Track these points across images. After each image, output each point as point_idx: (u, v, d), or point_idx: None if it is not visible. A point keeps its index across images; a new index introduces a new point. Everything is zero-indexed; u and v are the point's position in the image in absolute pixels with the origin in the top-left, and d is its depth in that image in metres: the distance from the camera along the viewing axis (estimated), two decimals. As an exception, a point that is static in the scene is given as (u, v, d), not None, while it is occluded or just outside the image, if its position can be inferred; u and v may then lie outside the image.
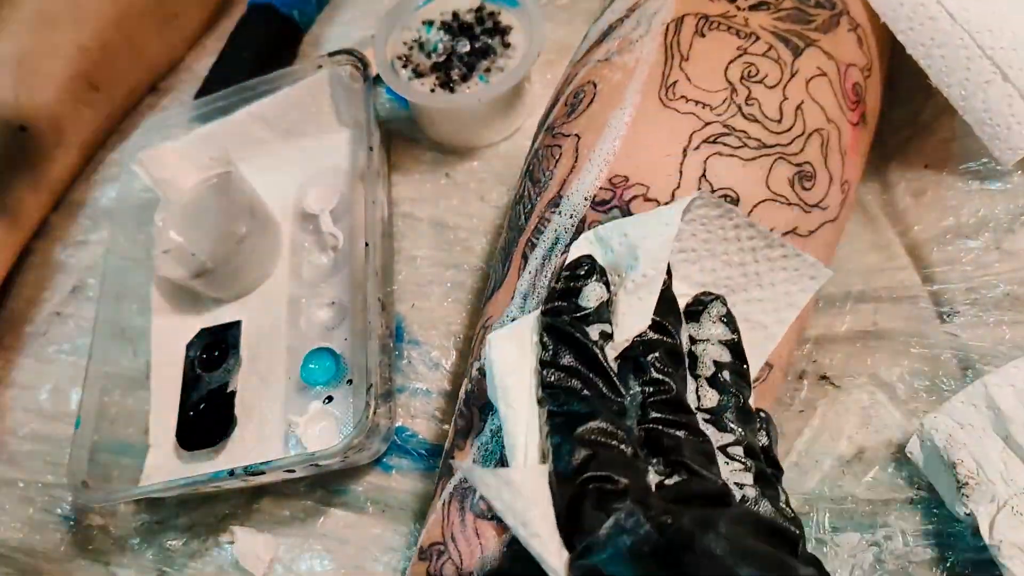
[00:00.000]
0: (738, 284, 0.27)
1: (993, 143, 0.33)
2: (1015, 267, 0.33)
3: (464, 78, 0.41)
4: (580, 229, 0.28)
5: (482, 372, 0.29)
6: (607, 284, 0.25)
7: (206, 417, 0.38)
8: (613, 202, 0.28)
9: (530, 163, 0.32)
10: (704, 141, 0.28)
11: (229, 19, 0.53)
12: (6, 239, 0.45)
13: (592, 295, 0.25)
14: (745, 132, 0.29)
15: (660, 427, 0.23)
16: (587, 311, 0.24)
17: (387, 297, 0.39)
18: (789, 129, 0.29)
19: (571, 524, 0.21)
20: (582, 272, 0.25)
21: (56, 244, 0.48)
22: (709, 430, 0.24)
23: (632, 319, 0.24)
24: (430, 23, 0.43)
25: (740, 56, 0.30)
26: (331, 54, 0.42)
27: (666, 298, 0.25)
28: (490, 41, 0.42)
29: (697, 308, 0.26)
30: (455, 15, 0.43)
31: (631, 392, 0.24)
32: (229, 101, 0.43)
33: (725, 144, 0.28)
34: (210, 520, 0.37)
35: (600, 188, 0.28)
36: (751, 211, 0.28)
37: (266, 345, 0.39)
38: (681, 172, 0.28)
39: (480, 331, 0.30)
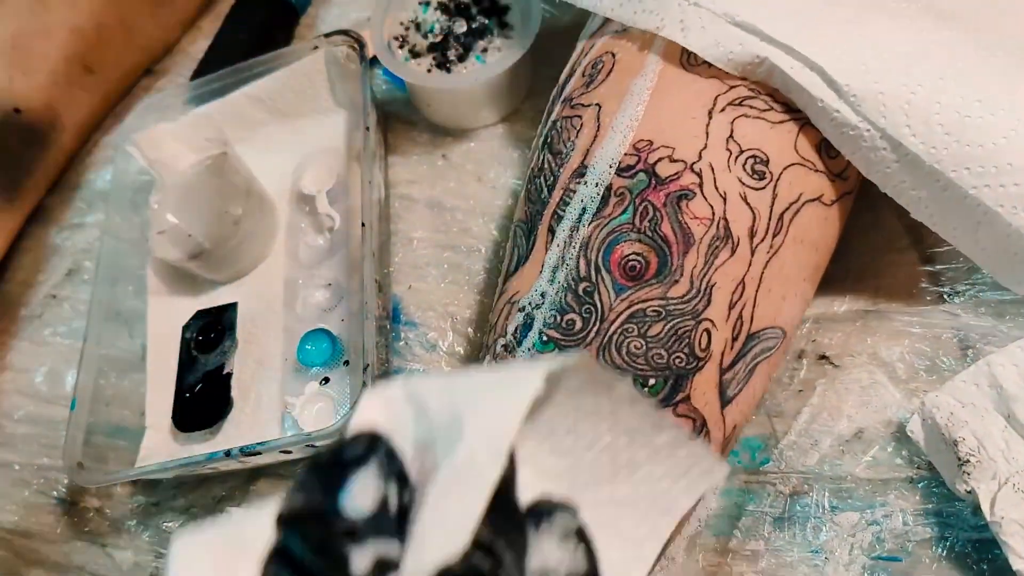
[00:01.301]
0: (603, 475, 0.19)
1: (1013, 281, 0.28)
2: (1016, 247, 0.33)
3: (461, 59, 0.40)
4: (607, 197, 0.28)
5: (507, 348, 0.28)
6: (399, 476, 0.16)
7: (202, 399, 0.37)
8: (638, 167, 0.28)
9: (547, 135, 0.31)
10: (729, 103, 0.28)
11: (225, 1, 0.52)
12: (1, 222, 0.44)
13: (364, 494, 0.15)
14: (771, 96, 0.28)
15: None
16: (352, 522, 0.14)
17: (384, 278, 0.39)
18: None
19: None
20: (351, 456, 0.15)
21: (51, 226, 0.47)
22: None
23: (439, 534, 0.14)
24: (427, 3, 0.42)
25: None
26: (327, 35, 0.41)
27: (504, 503, 0.16)
28: (487, 21, 0.41)
29: (536, 518, 0.17)
30: (452, -5, 0.42)
31: None
32: (225, 82, 0.43)
33: (752, 107, 0.28)
34: (207, 502, 0.37)
35: (624, 154, 0.28)
36: (781, 173, 0.28)
37: (262, 326, 0.39)
38: (707, 133, 0.28)
39: (505, 306, 0.30)
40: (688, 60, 0.29)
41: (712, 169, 0.27)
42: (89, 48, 0.48)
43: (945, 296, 0.33)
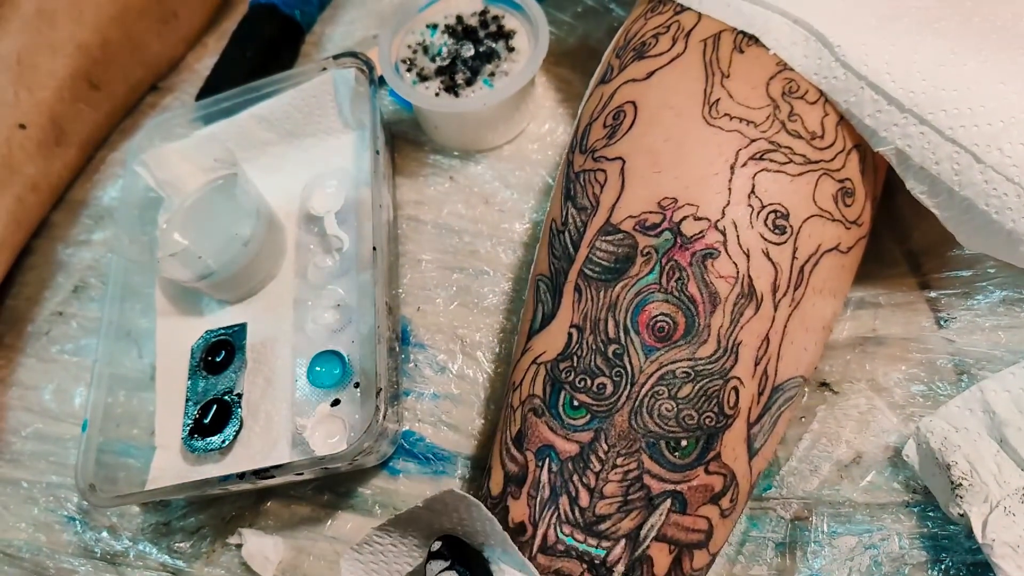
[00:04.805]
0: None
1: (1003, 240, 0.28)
2: (1010, 273, 0.34)
3: (468, 82, 0.41)
4: (633, 256, 0.28)
5: (536, 412, 0.28)
6: None
7: (212, 419, 0.38)
8: (663, 225, 0.28)
9: (570, 187, 0.32)
10: (751, 158, 0.28)
11: (230, 19, 0.53)
12: (6, 238, 0.44)
13: None
14: (790, 148, 0.29)
15: None
16: None
17: (393, 300, 0.39)
18: (831, 145, 0.29)
19: None
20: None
21: (57, 243, 0.47)
22: None
23: None
24: (434, 26, 0.43)
25: (780, 72, 0.30)
26: (336, 56, 0.42)
27: None
28: (494, 45, 0.42)
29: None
30: (459, 19, 0.43)
31: None
32: (233, 102, 0.43)
33: (772, 160, 0.28)
34: (217, 522, 0.37)
35: (650, 212, 0.28)
36: (801, 226, 0.28)
37: (272, 347, 0.39)
38: (730, 189, 0.28)
39: (531, 367, 0.29)
40: (710, 112, 0.29)
41: (735, 226, 0.28)
42: (94, 64, 0.48)
43: (942, 322, 0.34)
